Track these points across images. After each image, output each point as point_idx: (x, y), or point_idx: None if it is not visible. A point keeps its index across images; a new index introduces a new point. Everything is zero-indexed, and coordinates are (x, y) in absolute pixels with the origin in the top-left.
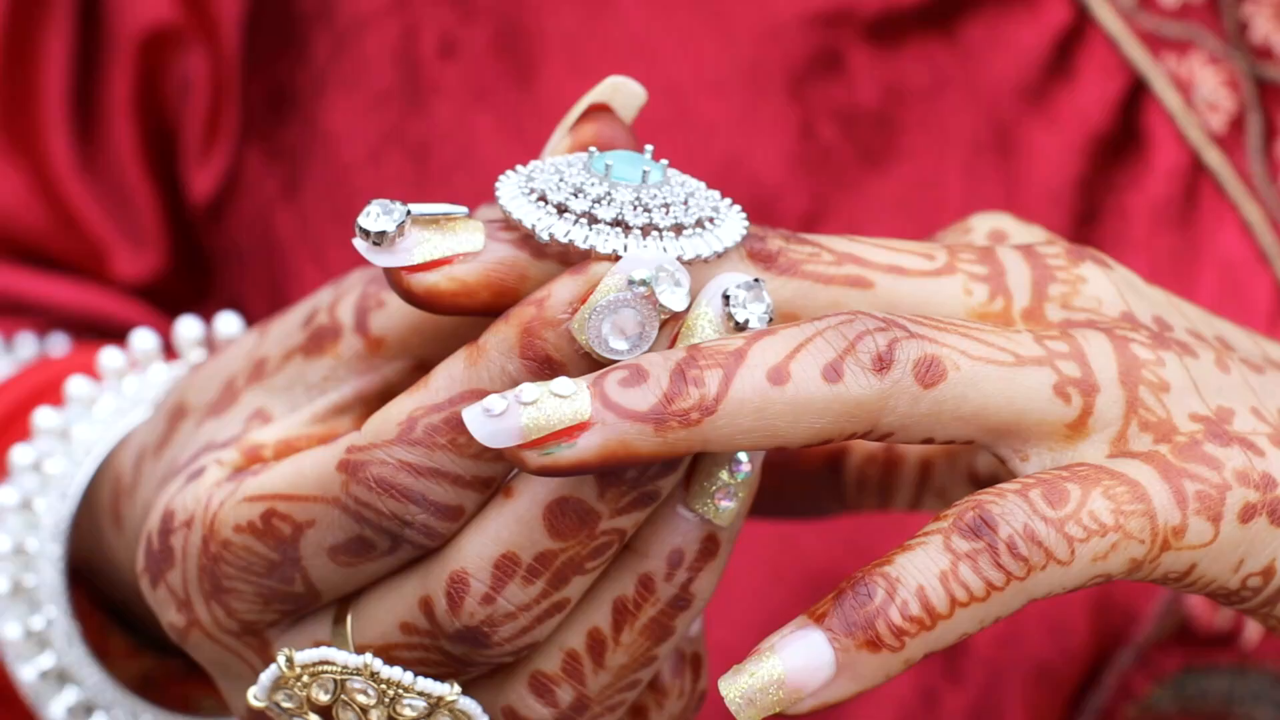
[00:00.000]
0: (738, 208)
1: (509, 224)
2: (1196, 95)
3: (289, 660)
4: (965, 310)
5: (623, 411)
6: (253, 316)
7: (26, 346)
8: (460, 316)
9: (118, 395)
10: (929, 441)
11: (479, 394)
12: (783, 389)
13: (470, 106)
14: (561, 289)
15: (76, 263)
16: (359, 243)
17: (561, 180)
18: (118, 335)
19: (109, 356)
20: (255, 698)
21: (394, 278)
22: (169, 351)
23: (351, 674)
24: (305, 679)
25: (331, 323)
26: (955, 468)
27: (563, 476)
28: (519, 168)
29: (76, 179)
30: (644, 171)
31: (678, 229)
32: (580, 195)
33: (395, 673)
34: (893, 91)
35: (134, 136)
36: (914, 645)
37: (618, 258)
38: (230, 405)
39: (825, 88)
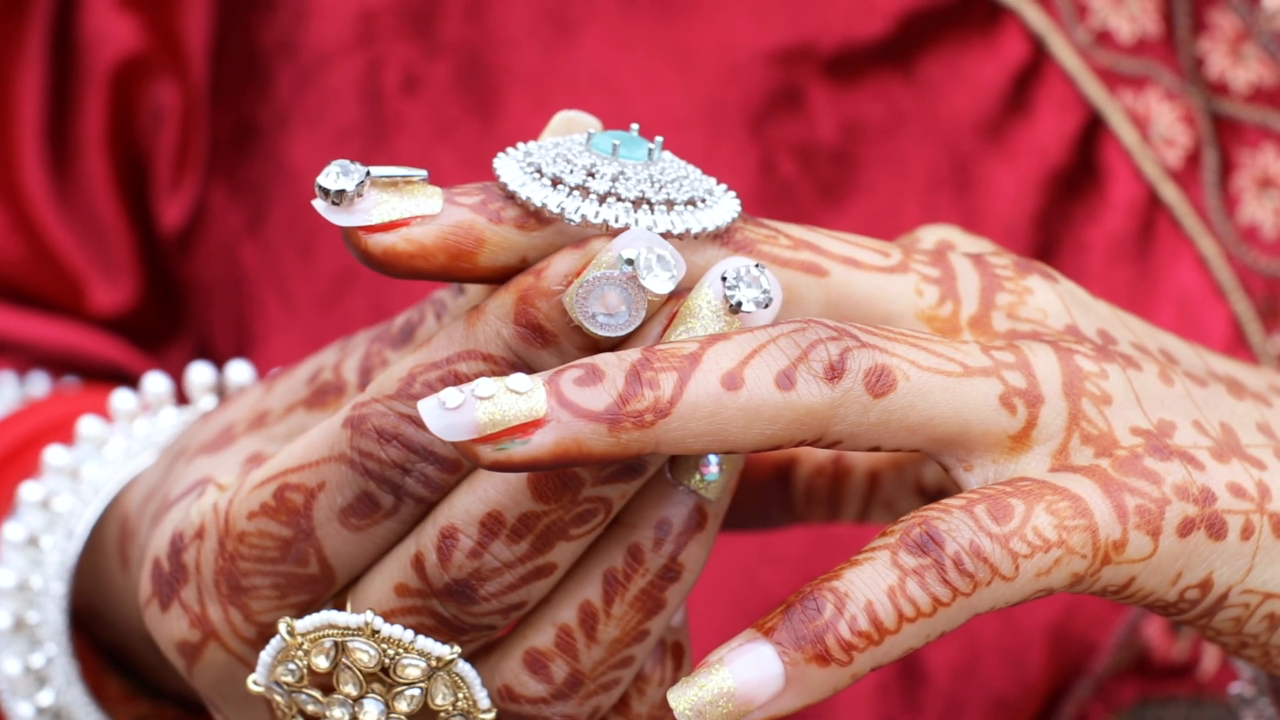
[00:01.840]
0: (723, 186)
1: (489, 192)
2: (1153, 130)
3: (290, 629)
4: (914, 310)
5: (577, 410)
6: (221, 349)
7: (8, 386)
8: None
9: (128, 437)
10: (876, 449)
11: (475, 354)
12: (736, 394)
13: (433, 141)
14: (560, 261)
15: (52, 295)
16: (318, 203)
17: (570, 163)
18: (95, 372)
19: (121, 399)
20: (255, 682)
21: (351, 238)
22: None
23: (352, 634)
24: (306, 646)
25: (336, 379)
26: (903, 479)
27: (515, 472)
28: (512, 149)
29: (52, 211)
30: (648, 150)
31: (692, 203)
32: (597, 176)
33: (395, 630)
34: (852, 128)
35: (107, 167)
36: (862, 660)
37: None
38: (226, 446)
39: (785, 124)
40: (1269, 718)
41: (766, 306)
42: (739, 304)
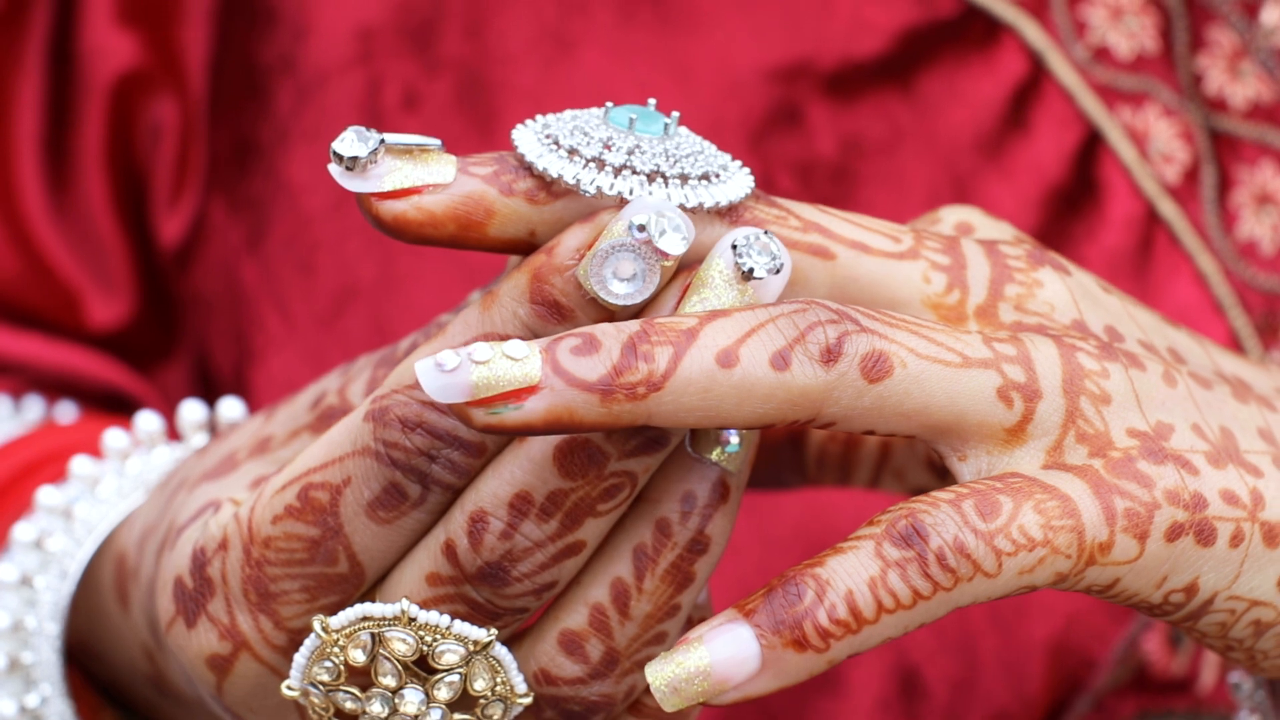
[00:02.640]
0: (738, 162)
1: (504, 163)
2: (1151, 147)
3: (325, 625)
4: (921, 297)
5: (571, 379)
6: (220, 366)
7: (2, 410)
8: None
9: (120, 475)
10: (870, 433)
11: (493, 337)
12: (730, 372)
13: None
14: (570, 236)
15: (49, 311)
16: (333, 168)
17: (587, 135)
18: (91, 394)
19: (113, 437)
20: (289, 686)
21: (364, 203)
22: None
23: (389, 624)
24: (342, 641)
25: (342, 404)
26: (914, 451)
27: (505, 435)
28: (531, 120)
29: (49, 226)
30: (664, 124)
31: (706, 178)
32: (613, 149)
33: (432, 616)
34: (851, 144)
35: (105, 183)
36: (838, 647)
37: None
38: (230, 472)
39: (784, 141)
40: (1265, 710)
41: (778, 273)
42: (750, 270)
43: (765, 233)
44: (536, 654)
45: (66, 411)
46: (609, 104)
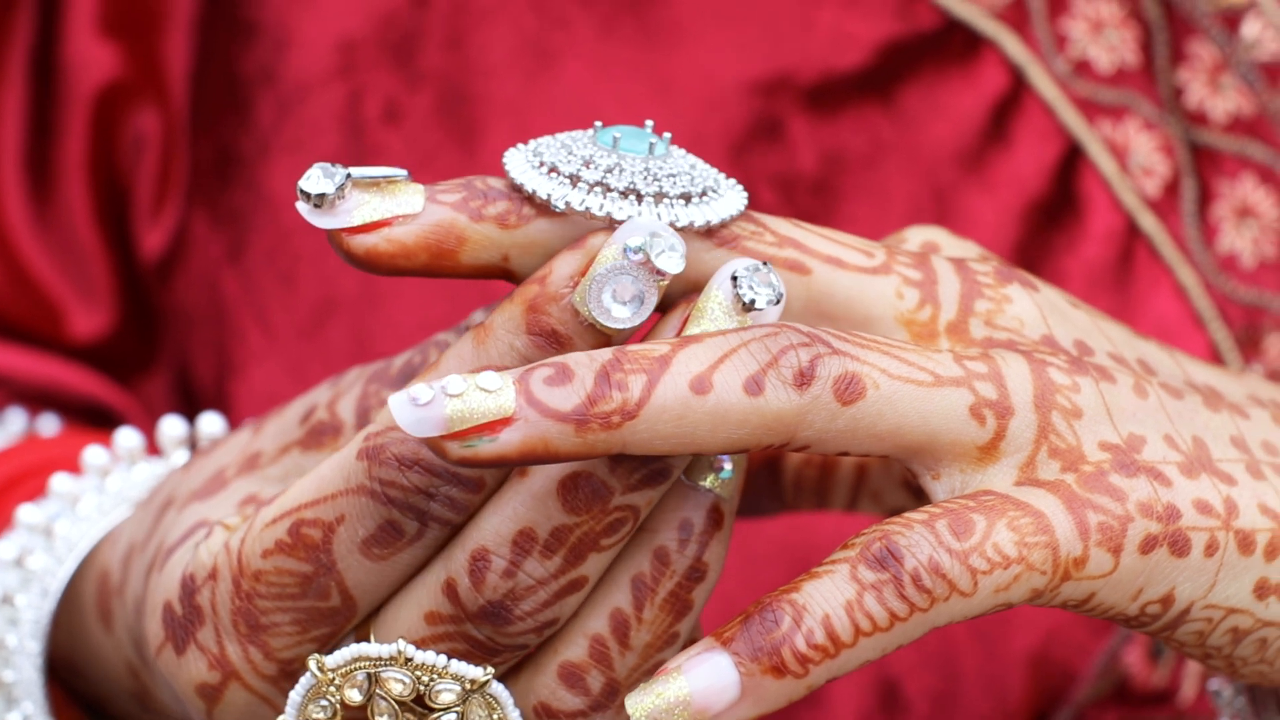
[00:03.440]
0: (733, 181)
1: (471, 189)
2: (1132, 160)
3: (320, 666)
4: (894, 313)
5: (545, 410)
6: (201, 378)
7: None
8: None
9: (100, 493)
10: (844, 454)
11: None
12: (704, 399)
13: (414, 171)
14: (562, 264)
15: (30, 322)
16: (301, 205)
17: (570, 153)
18: (73, 406)
19: (93, 454)
20: None
21: (335, 239)
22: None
23: (385, 664)
24: (338, 681)
25: (332, 419)
26: (890, 472)
27: (481, 468)
28: (523, 144)
29: (31, 237)
30: (650, 144)
31: (686, 197)
32: (592, 166)
33: (429, 656)
34: (832, 158)
35: (87, 194)
36: (817, 672)
37: (614, 226)
38: (219, 490)
39: (765, 155)
40: (1245, 715)
41: (778, 303)
42: (752, 301)
43: (765, 264)
44: (535, 687)
45: (49, 424)
46: (598, 124)
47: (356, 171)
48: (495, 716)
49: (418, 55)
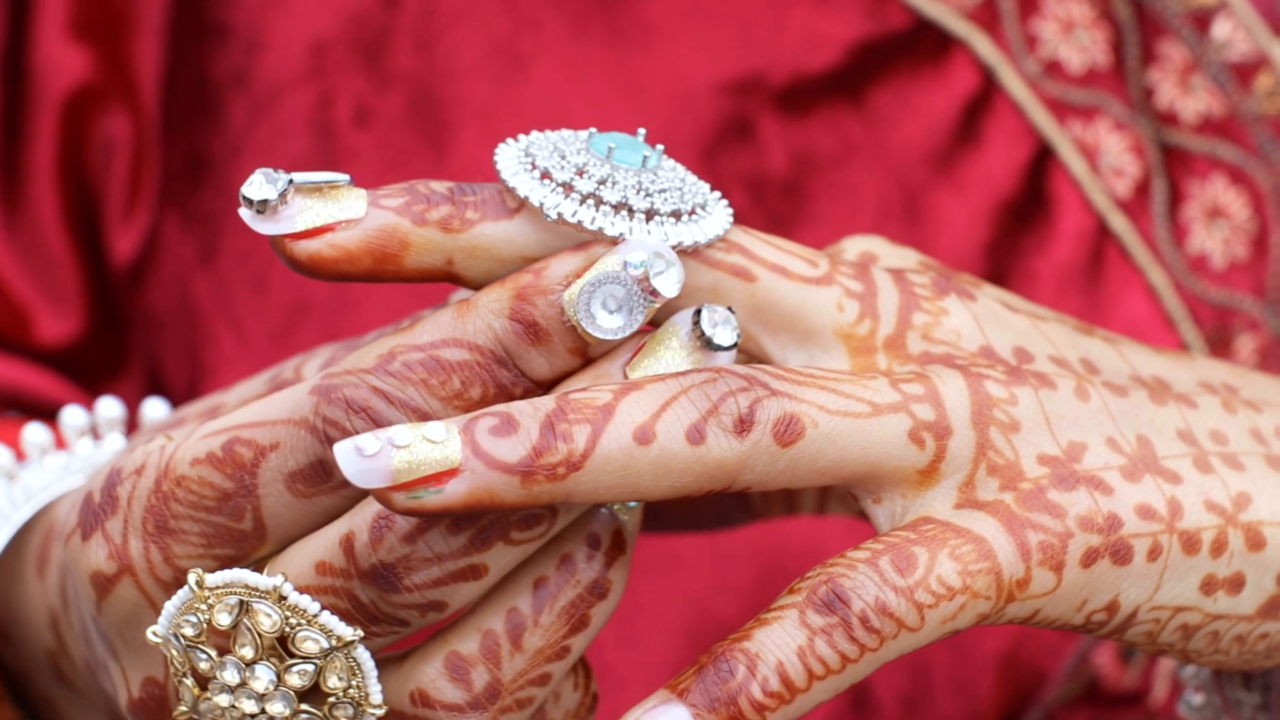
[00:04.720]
0: (718, 194)
1: (414, 193)
2: (1102, 161)
3: (199, 581)
4: (834, 326)
5: (491, 461)
6: (172, 382)
7: None
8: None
9: (71, 455)
10: (786, 488)
11: (462, 343)
12: (647, 449)
13: (385, 174)
14: (560, 263)
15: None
16: (244, 212)
17: (564, 158)
18: (38, 410)
19: (72, 415)
20: (154, 633)
21: (278, 245)
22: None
23: (259, 595)
24: (211, 600)
25: (296, 378)
26: None
27: (426, 518)
28: (513, 140)
29: (0, 241)
30: (644, 156)
31: (676, 215)
32: (585, 176)
33: (304, 600)
34: (802, 159)
35: (56, 198)
36: (774, 718)
37: (600, 239)
38: (178, 428)
39: (736, 155)
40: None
41: (731, 349)
42: (713, 340)
43: (728, 308)
44: (418, 674)
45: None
46: (592, 130)
47: (299, 177)
48: (354, 682)
49: (388, 57)
